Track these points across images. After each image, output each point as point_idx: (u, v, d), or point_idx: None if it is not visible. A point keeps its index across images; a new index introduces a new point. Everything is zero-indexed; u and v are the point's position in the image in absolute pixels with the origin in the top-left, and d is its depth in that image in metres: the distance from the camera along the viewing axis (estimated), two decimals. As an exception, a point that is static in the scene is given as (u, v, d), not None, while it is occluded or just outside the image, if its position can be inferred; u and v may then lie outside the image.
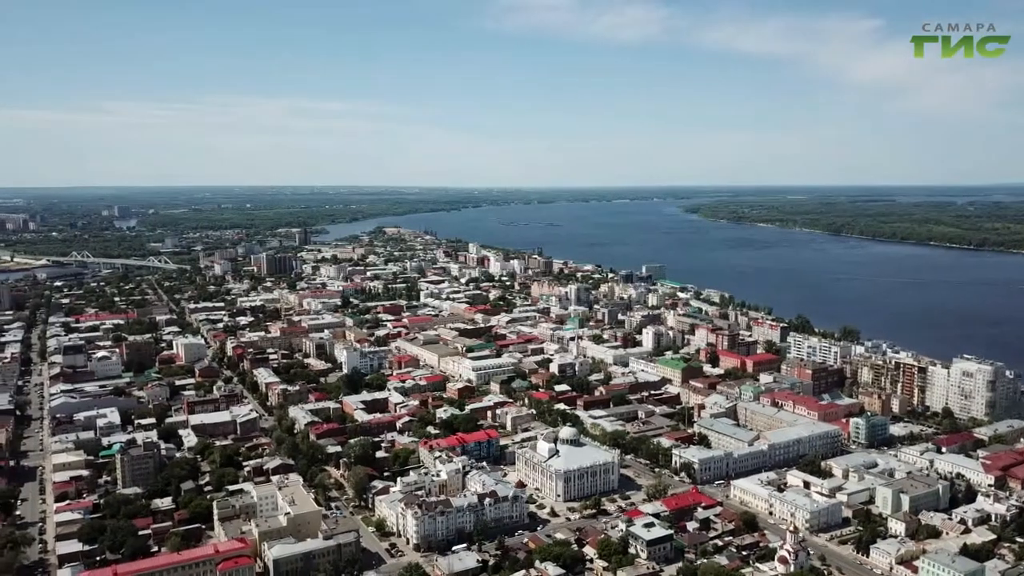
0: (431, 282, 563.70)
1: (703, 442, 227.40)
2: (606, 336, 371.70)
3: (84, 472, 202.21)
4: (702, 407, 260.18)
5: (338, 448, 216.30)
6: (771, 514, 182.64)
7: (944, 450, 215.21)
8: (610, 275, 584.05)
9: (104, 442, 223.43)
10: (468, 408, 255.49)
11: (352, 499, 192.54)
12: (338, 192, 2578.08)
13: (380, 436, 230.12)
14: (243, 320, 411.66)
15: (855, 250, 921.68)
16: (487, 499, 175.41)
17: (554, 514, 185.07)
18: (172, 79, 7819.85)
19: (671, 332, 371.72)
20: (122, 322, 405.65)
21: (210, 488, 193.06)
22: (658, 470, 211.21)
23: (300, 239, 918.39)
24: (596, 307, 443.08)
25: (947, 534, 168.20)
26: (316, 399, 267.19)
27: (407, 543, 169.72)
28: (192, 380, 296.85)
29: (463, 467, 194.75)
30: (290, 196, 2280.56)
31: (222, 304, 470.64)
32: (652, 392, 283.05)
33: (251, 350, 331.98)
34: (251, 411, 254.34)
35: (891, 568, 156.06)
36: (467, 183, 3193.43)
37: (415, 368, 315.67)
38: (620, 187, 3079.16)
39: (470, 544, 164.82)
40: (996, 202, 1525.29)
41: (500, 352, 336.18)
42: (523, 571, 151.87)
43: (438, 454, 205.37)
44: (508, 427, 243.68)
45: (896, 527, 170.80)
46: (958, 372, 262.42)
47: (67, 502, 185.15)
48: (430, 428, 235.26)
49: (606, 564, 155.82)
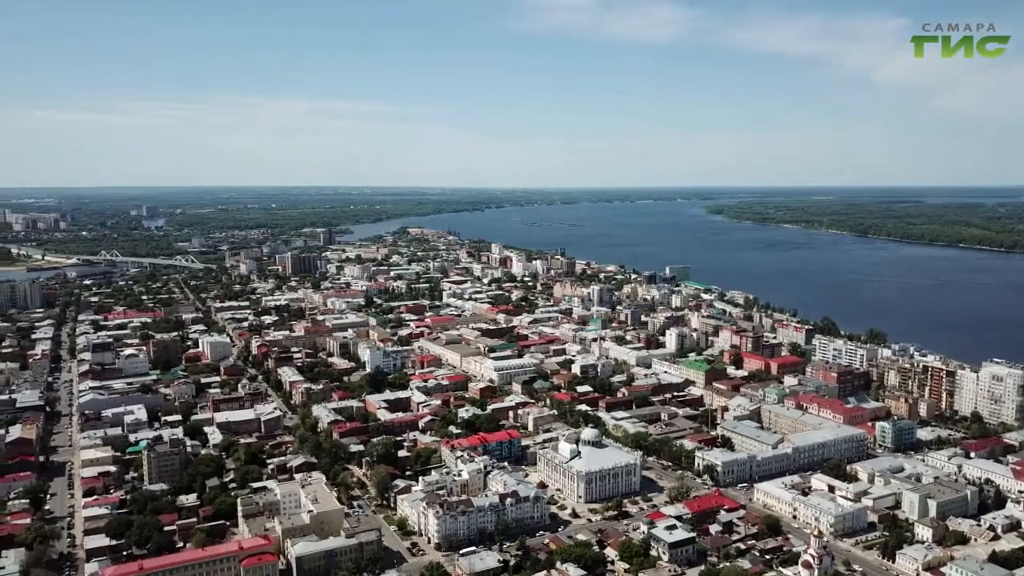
0: (454, 282, 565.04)
1: (726, 444, 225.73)
2: (629, 337, 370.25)
3: (112, 468, 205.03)
4: (725, 409, 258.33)
5: (361, 447, 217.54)
6: (795, 518, 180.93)
7: (973, 455, 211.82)
8: (633, 276, 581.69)
9: (131, 438, 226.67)
10: (490, 408, 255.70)
11: (374, 498, 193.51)
12: (362, 192, 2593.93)
13: (402, 435, 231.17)
14: (268, 319, 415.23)
15: (882, 252, 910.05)
16: (508, 499, 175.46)
17: (575, 515, 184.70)
18: (200, 80, 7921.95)
19: (695, 334, 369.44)
20: (149, 320, 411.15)
21: (234, 485, 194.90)
22: (680, 472, 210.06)
23: (325, 239, 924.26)
24: (619, 308, 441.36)
25: (975, 540, 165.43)
26: (339, 398, 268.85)
27: (428, 542, 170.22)
28: (217, 378, 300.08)
29: (484, 467, 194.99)
30: (315, 196, 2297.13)
31: (247, 303, 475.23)
32: (675, 394, 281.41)
33: (276, 349, 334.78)
34: (275, 409, 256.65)
35: (918, 574, 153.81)
36: (490, 184, 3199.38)
37: (437, 368, 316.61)
38: (643, 188, 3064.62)
39: (491, 544, 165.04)
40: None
41: (522, 352, 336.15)
42: (544, 572, 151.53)
43: (460, 454, 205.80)
44: (530, 427, 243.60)
45: (923, 533, 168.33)
46: (988, 376, 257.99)
47: (95, 497, 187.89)
48: (452, 428, 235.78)
49: (627, 566, 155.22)
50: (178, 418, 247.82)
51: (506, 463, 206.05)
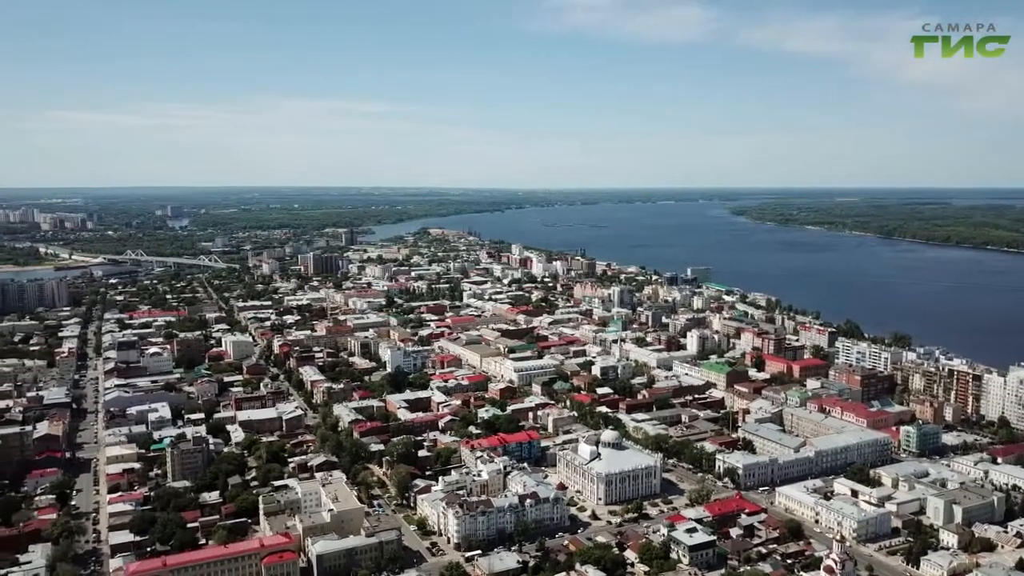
0: (474, 283, 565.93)
1: (747, 447, 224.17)
2: (650, 339, 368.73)
3: (136, 465, 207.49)
4: (747, 412, 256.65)
5: (381, 446, 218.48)
6: (817, 522, 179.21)
7: (1000, 460, 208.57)
8: (654, 277, 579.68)
9: (155, 436, 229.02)
10: (509, 409, 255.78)
11: (394, 497, 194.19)
12: (384, 193, 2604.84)
13: (422, 435, 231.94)
14: (290, 319, 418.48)
15: (907, 254, 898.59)
16: (528, 500, 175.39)
17: (595, 517, 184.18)
18: (225, 81, 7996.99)
19: (716, 336, 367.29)
20: (173, 319, 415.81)
21: (256, 483, 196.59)
22: (701, 475, 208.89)
23: (346, 239, 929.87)
24: (640, 309, 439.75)
25: (1002, 547, 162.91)
26: (360, 397, 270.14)
27: (448, 542, 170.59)
28: (240, 377, 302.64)
29: (504, 468, 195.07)
30: (337, 197, 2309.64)
31: (269, 303, 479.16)
32: (696, 396, 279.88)
33: (297, 348, 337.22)
34: (296, 408, 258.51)
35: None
36: (510, 185, 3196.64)
37: (457, 368, 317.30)
38: (664, 188, 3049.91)
39: (510, 545, 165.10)
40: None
41: (542, 353, 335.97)
42: (563, 573, 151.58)
43: (479, 454, 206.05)
44: (549, 429, 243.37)
45: (948, 539, 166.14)
46: (1015, 380, 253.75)
47: (119, 493, 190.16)
48: (472, 428, 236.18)
49: (647, 568, 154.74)
50: (201, 416, 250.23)
51: (526, 464, 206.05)
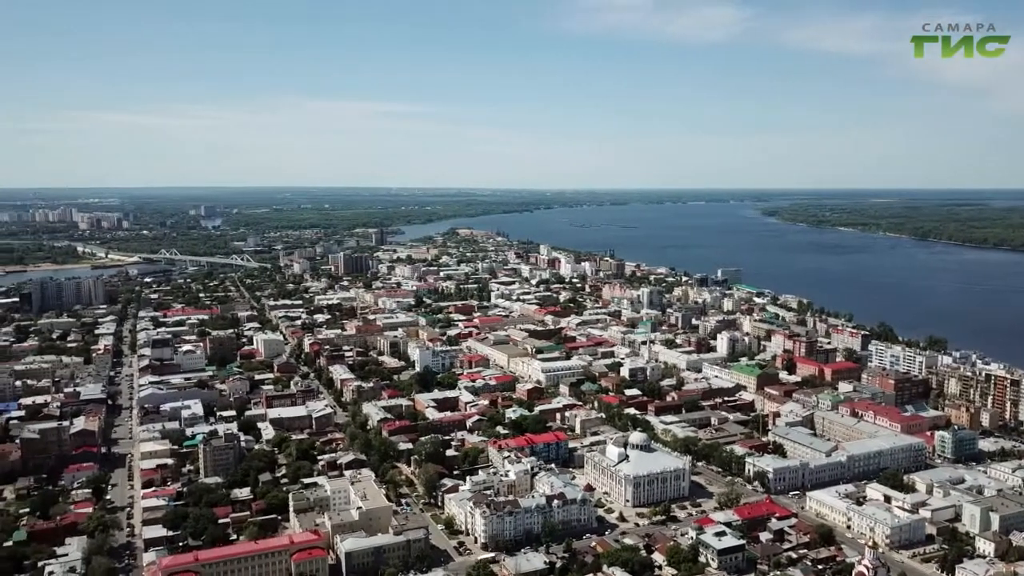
0: (502, 283, 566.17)
1: (778, 451, 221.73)
2: (679, 340, 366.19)
3: (169, 460, 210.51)
4: (777, 415, 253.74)
5: (409, 445, 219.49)
6: (849, 528, 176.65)
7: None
8: (684, 279, 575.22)
9: (188, 432, 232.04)
10: (537, 409, 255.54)
11: (422, 496, 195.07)
12: (413, 193, 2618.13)
13: (450, 434, 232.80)
14: (320, 318, 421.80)
15: (943, 256, 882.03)
16: (555, 501, 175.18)
17: (623, 519, 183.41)
18: (257, 83, 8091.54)
19: (746, 338, 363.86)
20: (206, 317, 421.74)
21: (286, 480, 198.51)
22: (730, 478, 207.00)
23: (376, 239, 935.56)
24: (669, 311, 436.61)
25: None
26: (389, 396, 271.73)
27: (475, 542, 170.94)
28: (271, 375, 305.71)
29: (531, 468, 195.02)
30: (367, 197, 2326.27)
31: (300, 302, 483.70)
32: (726, 399, 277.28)
33: (327, 347, 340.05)
34: (326, 406, 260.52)
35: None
36: (539, 185, 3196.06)
37: (485, 368, 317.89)
38: (695, 189, 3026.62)
39: (537, 545, 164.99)
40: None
41: (570, 354, 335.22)
42: (591, 575, 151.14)
43: (507, 454, 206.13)
44: (577, 430, 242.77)
45: (984, 547, 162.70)
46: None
47: (153, 489, 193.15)
48: (499, 428, 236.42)
49: (676, 572, 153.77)
50: (233, 413, 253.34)
51: (553, 465, 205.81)
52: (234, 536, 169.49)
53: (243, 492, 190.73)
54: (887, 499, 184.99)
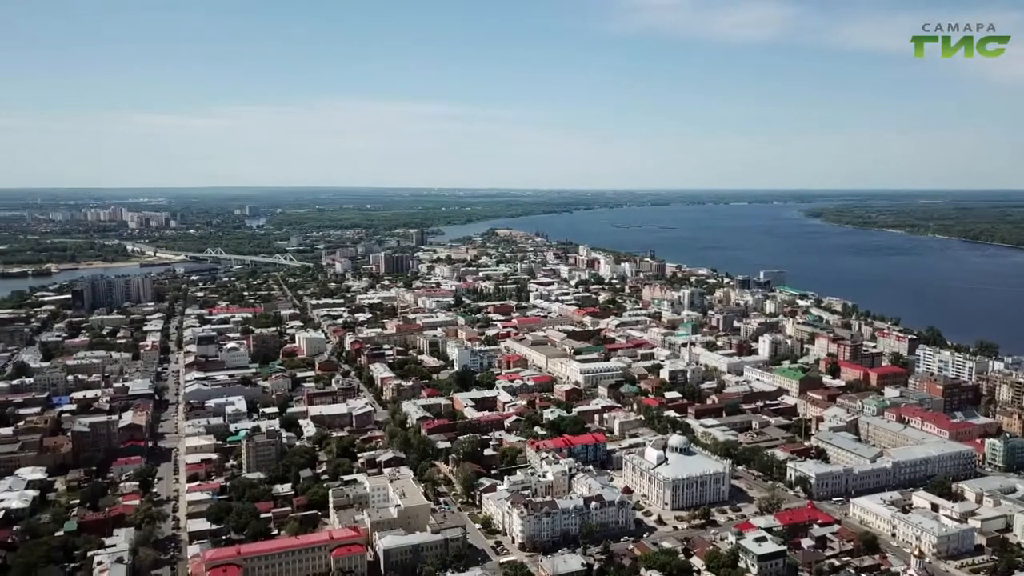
0: (541, 283, 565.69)
1: (821, 456, 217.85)
2: (720, 343, 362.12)
3: (213, 456, 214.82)
4: (820, 420, 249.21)
5: (448, 444, 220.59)
6: (894, 536, 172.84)
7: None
8: (726, 280, 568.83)
9: (231, 428, 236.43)
10: (575, 410, 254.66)
11: (459, 495, 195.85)
12: (454, 194, 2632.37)
13: (488, 434, 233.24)
14: (361, 316, 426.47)
15: (994, 259, 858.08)
16: (593, 503, 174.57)
17: (661, 522, 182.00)
18: (300, 84, 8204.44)
19: (789, 341, 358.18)
20: (250, 315, 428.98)
21: (326, 477, 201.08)
22: (771, 483, 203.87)
23: (417, 239, 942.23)
24: (710, 313, 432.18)
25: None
26: (428, 395, 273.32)
27: (512, 542, 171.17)
28: (312, 373, 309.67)
29: (570, 469, 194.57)
30: (408, 197, 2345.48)
31: (342, 301, 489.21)
32: (767, 402, 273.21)
33: (368, 346, 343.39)
34: (366, 404, 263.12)
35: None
36: (579, 185, 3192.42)
37: (523, 368, 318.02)
38: (737, 190, 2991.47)
39: (575, 547, 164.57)
40: None
41: (608, 356, 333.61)
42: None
43: (545, 455, 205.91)
44: (615, 432, 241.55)
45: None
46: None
47: (197, 483, 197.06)
48: (537, 428, 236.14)
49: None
50: (275, 410, 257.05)
51: (591, 466, 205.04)
52: (275, 531, 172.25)
53: (284, 488, 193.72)
54: (934, 507, 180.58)
